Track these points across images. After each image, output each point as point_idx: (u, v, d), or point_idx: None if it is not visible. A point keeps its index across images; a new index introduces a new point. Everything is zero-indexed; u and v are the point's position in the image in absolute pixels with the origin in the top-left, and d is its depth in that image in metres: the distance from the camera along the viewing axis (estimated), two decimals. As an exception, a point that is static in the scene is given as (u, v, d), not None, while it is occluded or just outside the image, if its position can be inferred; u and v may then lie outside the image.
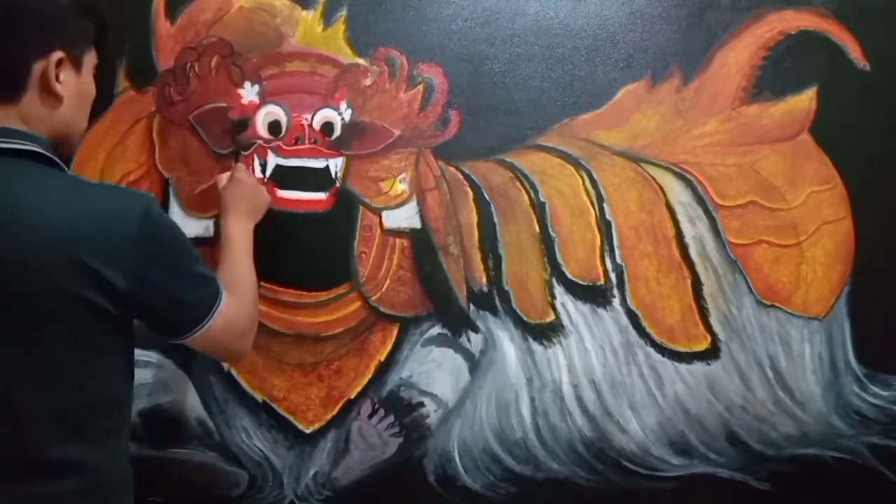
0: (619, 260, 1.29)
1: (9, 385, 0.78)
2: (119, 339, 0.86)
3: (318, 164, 1.26)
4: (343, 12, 1.25)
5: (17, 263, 0.76)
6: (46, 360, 0.79)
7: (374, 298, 1.27)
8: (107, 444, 0.85)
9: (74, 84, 0.86)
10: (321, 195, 1.26)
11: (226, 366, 1.26)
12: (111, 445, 0.86)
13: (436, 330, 1.29)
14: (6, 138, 0.80)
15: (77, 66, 0.86)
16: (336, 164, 1.26)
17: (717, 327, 1.30)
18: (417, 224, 1.27)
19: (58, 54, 0.83)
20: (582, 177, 1.29)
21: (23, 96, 0.82)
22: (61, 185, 0.82)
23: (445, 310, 1.28)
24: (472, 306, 1.28)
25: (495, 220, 1.28)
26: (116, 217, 0.81)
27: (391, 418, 1.29)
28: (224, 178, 1.18)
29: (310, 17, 1.25)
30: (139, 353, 0.98)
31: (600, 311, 1.29)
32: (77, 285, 0.77)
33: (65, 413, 0.80)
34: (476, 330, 1.29)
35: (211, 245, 1.25)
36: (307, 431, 1.29)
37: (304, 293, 1.27)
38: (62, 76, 0.83)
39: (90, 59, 0.90)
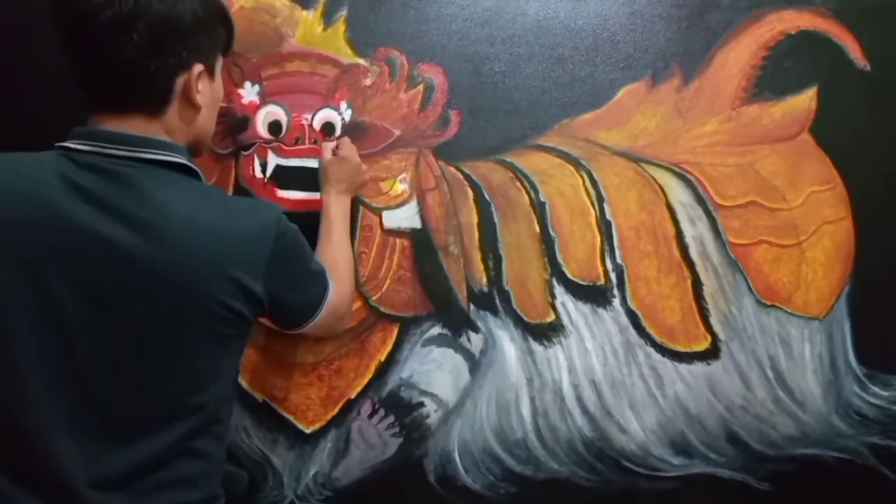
0: (619, 260, 1.29)
1: (155, 391, 0.82)
2: (244, 341, 0.93)
3: (318, 164, 1.26)
4: (343, 12, 1.25)
5: (174, 272, 0.79)
6: (191, 365, 0.84)
7: (374, 298, 1.27)
8: (221, 432, 0.92)
9: (210, 92, 0.89)
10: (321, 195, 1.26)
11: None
12: (224, 434, 0.94)
13: (436, 330, 1.29)
14: (154, 149, 0.82)
15: (211, 73, 0.89)
16: (336, 164, 1.26)
17: (717, 327, 1.30)
18: (417, 224, 1.27)
19: (198, 67, 0.85)
20: (582, 177, 1.29)
21: (167, 110, 0.84)
22: (204, 196, 0.86)
23: (446, 310, 1.28)
24: (472, 306, 1.29)
25: (495, 220, 1.28)
26: (256, 231, 0.86)
27: (391, 418, 1.29)
28: (329, 149, 1.20)
29: (310, 17, 1.25)
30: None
31: (600, 311, 1.29)
32: (223, 295, 0.82)
33: (196, 406, 0.85)
34: (476, 330, 1.29)
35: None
36: (307, 431, 1.29)
37: (305, 293, 1.27)
38: (200, 86, 0.86)
39: (220, 64, 0.92)
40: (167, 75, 0.83)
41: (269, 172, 1.25)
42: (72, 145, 0.81)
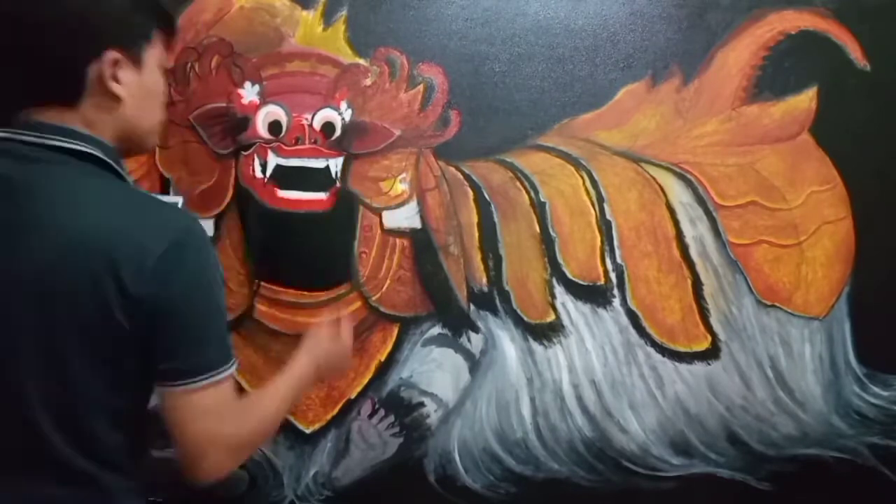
0: (619, 260, 1.29)
1: (28, 392, 0.78)
2: (136, 384, 0.83)
3: (318, 164, 1.26)
4: (343, 12, 1.25)
5: (52, 263, 0.75)
6: (66, 368, 0.78)
7: (374, 298, 1.27)
8: (123, 450, 0.84)
9: (136, 82, 0.84)
10: (321, 195, 1.26)
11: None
12: (127, 451, 0.85)
13: (436, 330, 1.29)
14: (63, 137, 0.79)
15: (137, 63, 0.84)
16: (336, 164, 1.26)
17: (717, 327, 1.30)
18: (417, 224, 1.27)
19: (112, 55, 0.81)
20: (582, 177, 1.29)
21: (81, 100, 0.81)
22: (109, 191, 0.81)
23: (446, 310, 1.28)
24: (472, 306, 1.28)
25: (495, 220, 1.28)
26: (152, 230, 0.78)
27: (391, 418, 1.29)
28: (329, 323, 1.08)
29: (310, 18, 1.25)
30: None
31: (600, 311, 1.29)
32: (97, 289, 0.75)
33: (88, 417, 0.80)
34: (476, 330, 1.29)
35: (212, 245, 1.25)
36: (307, 431, 1.29)
37: (305, 293, 1.27)
38: (120, 76, 0.82)
39: (152, 54, 0.87)
40: (73, 63, 0.79)
41: (269, 172, 1.25)
42: None
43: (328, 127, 1.26)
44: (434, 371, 1.29)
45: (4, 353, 0.77)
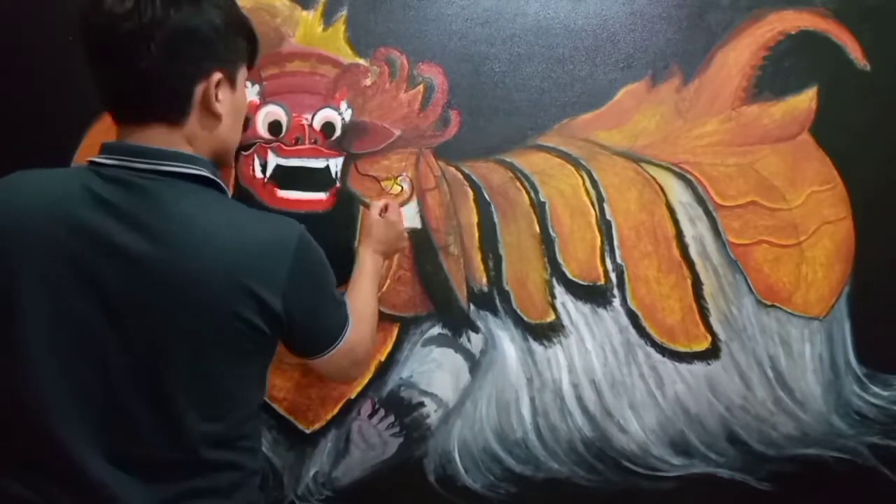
0: (619, 260, 1.29)
1: (172, 396, 0.82)
2: (266, 358, 0.93)
3: (318, 164, 1.26)
4: (343, 12, 1.25)
5: (192, 284, 0.80)
6: (211, 376, 0.84)
7: (374, 298, 1.27)
8: (251, 446, 0.93)
9: (230, 101, 0.89)
10: (321, 195, 1.26)
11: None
12: (255, 446, 0.95)
13: (436, 330, 1.29)
14: (175, 162, 0.83)
15: (232, 83, 0.89)
16: (336, 164, 1.26)
17: (717, 327, 1.30)
18: (417, 224, 1.27)
19: (217, 75, 0.85)
20: (582, 177, 1.29)
21: (188, 119, 0.85)
22: (224, 209, 0.86)
23: (446, 310, 1.28)
24: (472, 306, 1.29)
25: (495, 220, 1.28)
26: (275, 244, 0.85)
27: (391, 418, 1.29)
28: (377, 206, 1.21)
29: (310, 17, 1.25)
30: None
31: (600, 311, 1.29)
32: (241, 308, 0.82)
33: (223, 424, 0.87)
34: (476, 330, 1.29)
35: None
36: (307, 431, 1.29)
37: (305, 293, 1.27)
38: (220, 95, 0.86)
39: (242, 75, 0.92)
40: (185, 84, 0.84)
41: (269, 172, 1.25)
42: (99, 160, 0.83)
43: (328, 127, 1.26)
44: (434, 371, 1.29)
45: (158, 363, 0.82)
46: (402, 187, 1.27)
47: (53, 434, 0.80)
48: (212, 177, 0.86)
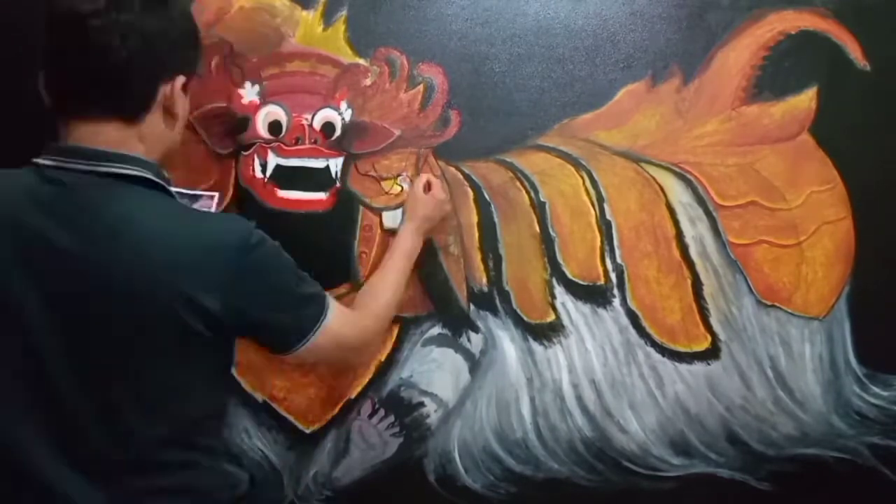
0: (619, 260, 1.29)
1: (117, 401, 0.83)
2: (217, 356, 0.91)
3: (318, 164, 1.26)
4: (343, 12, 1.25)
5: (126, 287, 0.80)
6: (150, 377, 0.84)
7: (374, 298, 1.27)
8: (208, 444, 0.92)
9: (184, 105, 0.91)
10: (321, 195, 1.26)
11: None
12: (212, 445, 0.94)
13: (436, 330, 1.29)
14: (115, 163, 0.83)
15: (186, 88, 0.91)
16: (336, 164, 1.26)
17: (717, 327, 1.30)
18: (417, 224, 1.27)
19: (181, 78, 0.88)
20: (582, 177, 1.29)
21: (145, 118, 0.86)
22: (163, 211, 0.85)
23: (446, 310, 1.28)
24: (472, 306, 1.29)
25: (495, 220, 1.28)
26: (214, 244, 0.84)
27: (391, 418, 1.29)
28: (420, 183, 1.21)
29: (310, 17, 1.25)
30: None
31: (600, 311, 1.29)
32: (176, 310, 0.81)
33: (167, 425, 0.86)
34: (476, 330, 1.29)
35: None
36: (307, 431, 1.29)
37: (305, 293, 1.27)
38: (179, 98, 0.89)
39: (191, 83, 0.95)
40: (152, 83, 0.86)
41: (269, 172, 1.25)
42: (40, 160, 0.84)
43: (328, 127, 1.26)
44: (434, 371, 1.29)
45: (94, 368, 0.82)
46: (402, 187, 1.27)
47: (5, 437, 0.81)
48: (155, 178, 0.86)
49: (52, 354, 0.81)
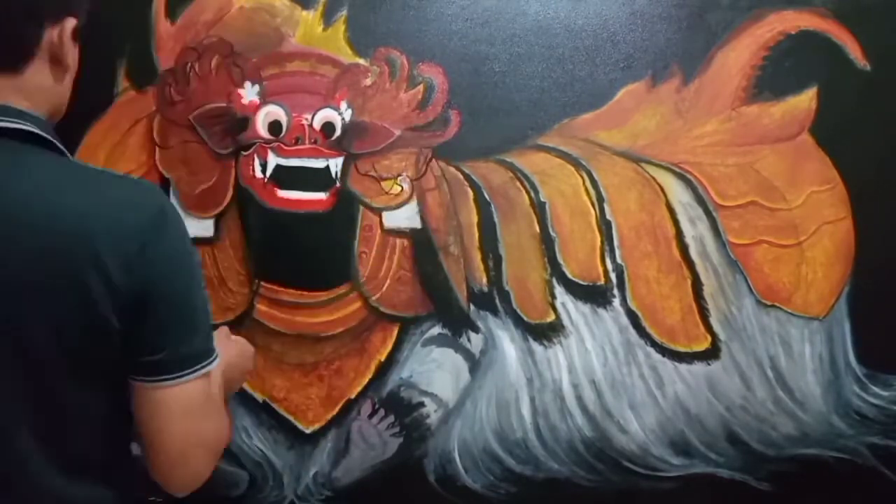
0: (619, 260, 1.29)
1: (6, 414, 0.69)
2: (118, 371, 0.73)
3: (318, 164, 1.26)
4: (343, 12, 1.25)
5: (23, 264, 0.66)
6: (43, 372, 0.69)
7: (374, 298, 1.27)
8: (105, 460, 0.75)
9: (74, 54, 0.77)
10: (321, 195, 1.26)
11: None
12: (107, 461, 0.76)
13: (436, 330, 1.29)
14: (3, 116, 0.70)
15: (76, 34, 0.76)
16: (336, 164, 1.26)
17: (717, 327, 1.30)
18: (418, 224, 1.27)
19: (71, 21, 0.74)
20: (582, 177, 1.29)
21: (27, 67, 0.72)
22: (64, 173, 0.72)
23: (446, 310, 1.28)
24: (472, 306, 1.28)
25: (495, 220, 1.28)
26: (130, 217, 0.70)
27: (391, 418, 1.29)
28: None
29: (310, 17, 1.25)
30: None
31: (600, 311, 1.29)
32: (80, 291, 0.67)
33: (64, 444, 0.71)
34: (476, 330, 1.29)
35: (212, 245, 1.25)
36: (307, 431, 1.29)
37: (305, 293, 1.27)
38: (68, 46, 0.74)
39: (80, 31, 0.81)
40: (35, 25, 0.71)
41: (269, 172, 1.25)
42: None
43: (328, 127, 1.26)
44: (434, 371, 1.29)
45: None
46: (402, 187, 1.27)
47: None
48: (45, 135, 0.72)
49: None
